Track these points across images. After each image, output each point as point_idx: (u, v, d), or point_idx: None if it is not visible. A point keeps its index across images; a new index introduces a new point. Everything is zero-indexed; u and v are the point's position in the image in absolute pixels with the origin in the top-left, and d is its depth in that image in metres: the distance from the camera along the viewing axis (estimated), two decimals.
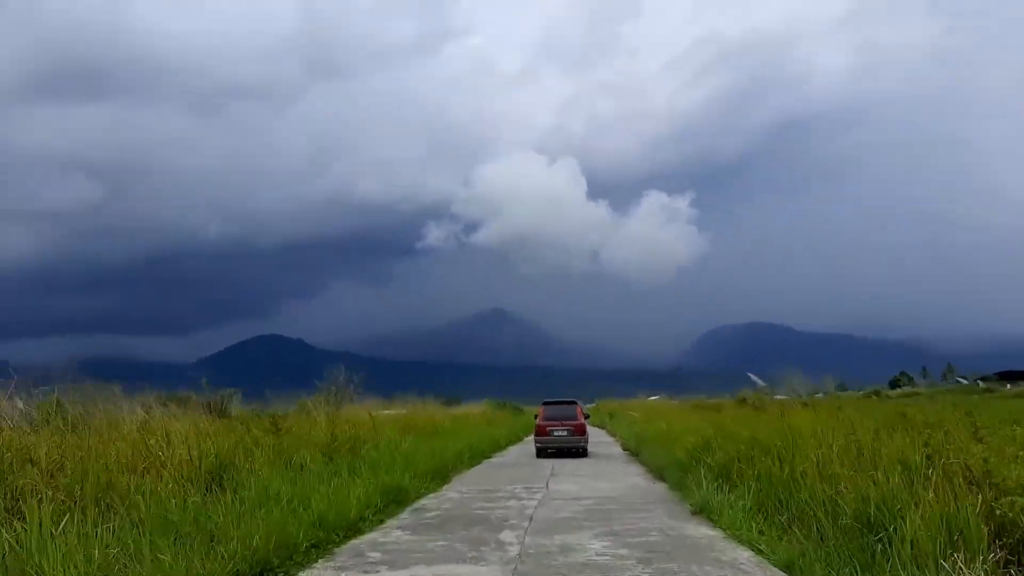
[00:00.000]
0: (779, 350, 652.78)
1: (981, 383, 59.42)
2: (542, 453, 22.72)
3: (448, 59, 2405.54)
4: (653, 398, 64.05)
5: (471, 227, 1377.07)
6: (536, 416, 23.92)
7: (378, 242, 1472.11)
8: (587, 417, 24.89)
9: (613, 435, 34.12)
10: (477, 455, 21.82)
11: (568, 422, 22.82)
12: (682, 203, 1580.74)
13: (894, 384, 71.36)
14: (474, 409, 45.57)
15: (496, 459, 23.06)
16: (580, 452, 22.67)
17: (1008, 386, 54.16)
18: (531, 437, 24.39)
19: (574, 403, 24.26)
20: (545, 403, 24.09)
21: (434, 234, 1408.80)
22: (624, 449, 25.05)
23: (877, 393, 42.33)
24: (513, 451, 27.31)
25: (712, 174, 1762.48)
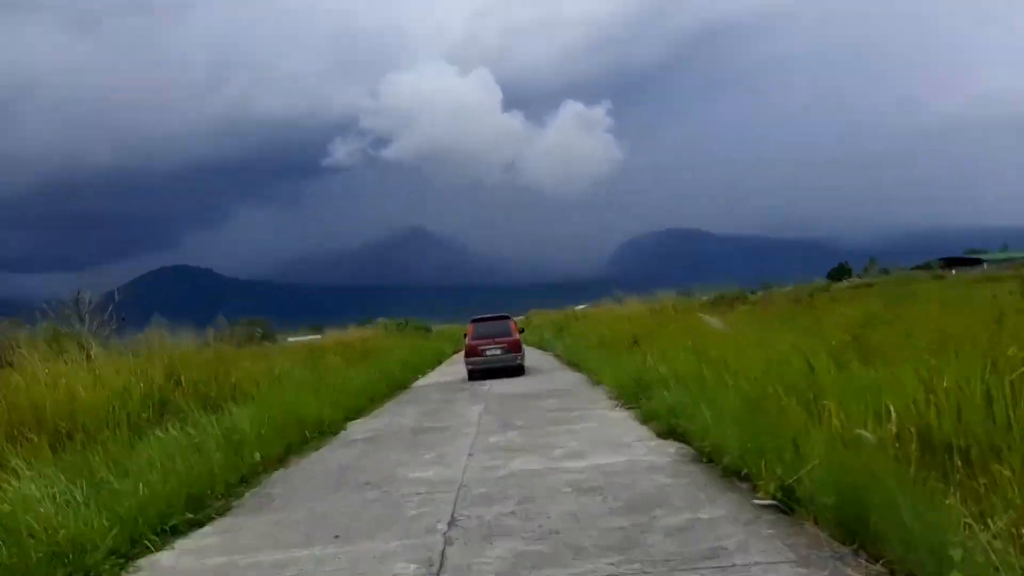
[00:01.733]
0: (696, 255, 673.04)
1: (918, 271, 58.78)
2: (474, 375, 21.71)
3: None
4: (580, 307, 61.29)
5: (381, 142, 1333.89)
6: (465, 335, 22.87)
7: (283, 161, 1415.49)
8: (521, 331, 24.01)
9: (588, 372, 18.16)
10: (203, 487, 7.27)
11: (501, 339, 21.86)
12: (599, 112, 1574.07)
13: (836, 278, 69.82)
14: (350, 335, 30.19)
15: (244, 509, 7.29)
16: (517, 370, 21.74)
17: (954, 272, 53.01)
18: (429, 380, 23.47)
19: (507, 318, 23.27)
20: (474, 320, 22.85)
21: (342, 150, 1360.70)
22: (671, 437, 8.53)
23: (827, 288, 39.64)
24: (353, 442, 10.96)
25: (629, 82, 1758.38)
